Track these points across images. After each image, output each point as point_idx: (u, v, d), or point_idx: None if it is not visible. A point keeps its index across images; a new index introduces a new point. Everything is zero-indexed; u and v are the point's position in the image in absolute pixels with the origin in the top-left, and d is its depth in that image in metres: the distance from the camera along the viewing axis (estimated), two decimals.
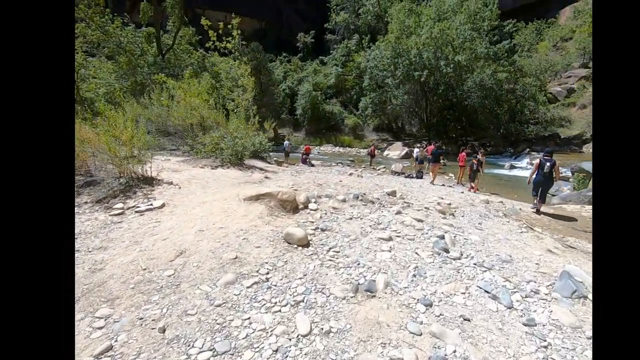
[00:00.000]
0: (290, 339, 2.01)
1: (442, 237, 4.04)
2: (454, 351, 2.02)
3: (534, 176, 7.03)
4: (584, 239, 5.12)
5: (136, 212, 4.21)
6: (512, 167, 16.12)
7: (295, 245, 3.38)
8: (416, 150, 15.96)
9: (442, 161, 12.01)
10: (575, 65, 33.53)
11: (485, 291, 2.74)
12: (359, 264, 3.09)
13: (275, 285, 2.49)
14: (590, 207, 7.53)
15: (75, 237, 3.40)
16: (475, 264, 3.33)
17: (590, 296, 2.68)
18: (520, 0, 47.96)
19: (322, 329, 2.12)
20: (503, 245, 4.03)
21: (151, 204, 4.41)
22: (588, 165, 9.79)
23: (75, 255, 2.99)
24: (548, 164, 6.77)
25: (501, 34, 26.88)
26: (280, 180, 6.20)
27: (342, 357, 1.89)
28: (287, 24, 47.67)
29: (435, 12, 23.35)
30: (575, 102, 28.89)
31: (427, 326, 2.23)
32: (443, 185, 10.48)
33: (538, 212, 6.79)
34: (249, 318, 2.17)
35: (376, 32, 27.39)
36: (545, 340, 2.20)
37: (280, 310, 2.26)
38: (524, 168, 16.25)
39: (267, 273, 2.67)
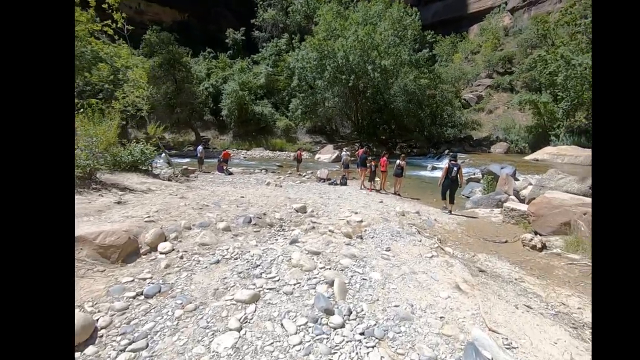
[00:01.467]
0: None
1: (332, 284, 3.01)
2: None
3: (444, 180, 7.48)
4: (493, 254, 4.71)
5: None
6: (433, 168, 16.80)
7: None
8: (344, 153, 15.48)
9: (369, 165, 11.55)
10: (482, 75, 38.04)
11: None
12: None
13: None
14: (498, 210, 7.61)
15: None
16: (362, 334, 2.32)
17: None
18: (438, 16, 53.28)
19: None
20: (407, 285, 3.18)
21: None
22: (495, 168, 10.24)
23: None
24: (455, 168, 7.20)
25: (422, 43, 28.72)
26: (140, 206, 4.55)
27: None
28: (215, 19, 44.17)
29: (362, 17, 23.62)
30: (483, 108, 32.63)
31: None
32: (360, 189, 9.87)
33: (450, 212, 7.26)
34: None
35: (306, 32, 26.76)
36: None
37: None
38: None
39: None
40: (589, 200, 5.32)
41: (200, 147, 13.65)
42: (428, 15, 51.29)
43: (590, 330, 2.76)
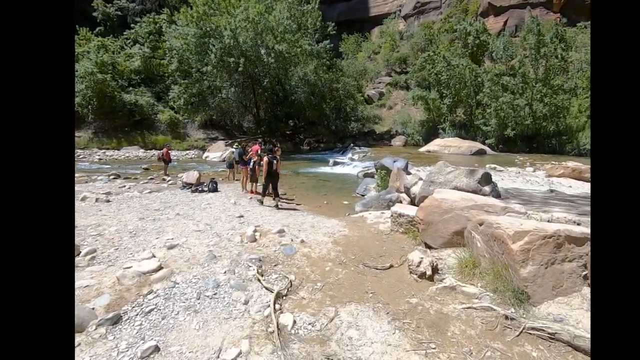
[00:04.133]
0: None
1: None
2: None
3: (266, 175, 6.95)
4: (367, 304, 2.93)
5: None
6: (335, 163, 15.65)
7: None
8: (233, 149, 12.80)
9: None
10: (382, 74, 40.31)
11: None
12: None
13: None
14: (389, 212, 6.32)
15: None
16: None
17: None
18: (343, 16, 54.71)
19: None
20: None
21: None
22: (388, 161, 9.27)
23: None
24: (275, 161, 6.97)
25: (323, 34, 27.91)
26: None
27: None
28: None
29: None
30: (384, 104, 34.31)
31: None
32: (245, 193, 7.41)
33: (277, 206, 6.79)
34: None
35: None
36: None
37: None
38: (346, 163, 16.17)
39: None
40: (480, 200, 4.15)
41: None
42: (334, 14, 52.10)
43: None
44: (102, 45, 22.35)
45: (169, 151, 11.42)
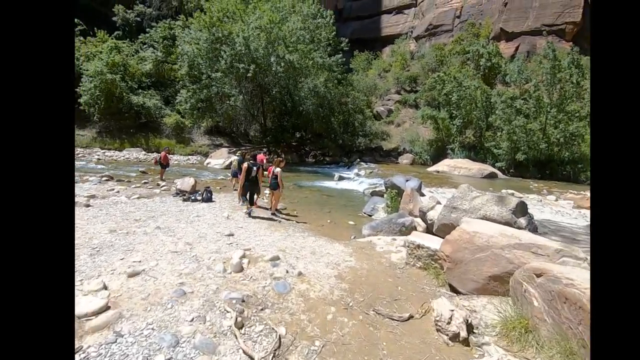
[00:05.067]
0: None
1: None
2: None
3: (244, 182, 6.73)
4: None
5: None
6: (340, 178, 14.90)
7: None
8: (235, 157, 12.18)
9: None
10: (392, 91, 40.24)
11: None
12: None
13: None
14: (402, 239, 5.50)
15: None
16: None
17: None
18: (356, 34, 55.55)
19: None
20: None
21: None
22: (400, 180, 8.50)
23: None
24: (255, 168, 6.70)
25: (336, 49, 27.94)
26: None
27: None
28: None
29: (271, 9, 21.05)
30: (393, 121, 33.93)
31: None
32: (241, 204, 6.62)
33: (250, 215, 6.39)
34: None
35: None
36: None
37: None
38: (352, 179, 15.42)
39: None
40: (526, 237, 3.34)
41: None
42: (347, 32, 52.85)
43: None
44: (115, 46, 22.38)
45: (167, 155, 10.80)
